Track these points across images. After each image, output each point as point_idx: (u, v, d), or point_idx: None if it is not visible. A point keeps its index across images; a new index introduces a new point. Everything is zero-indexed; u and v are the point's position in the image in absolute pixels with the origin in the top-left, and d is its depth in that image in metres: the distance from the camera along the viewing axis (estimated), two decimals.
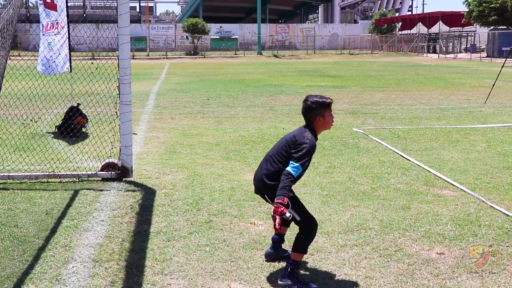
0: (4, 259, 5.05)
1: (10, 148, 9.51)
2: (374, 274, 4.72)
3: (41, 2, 11.13)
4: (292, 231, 5.26)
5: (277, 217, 4.22)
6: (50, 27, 11.14)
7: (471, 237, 5.56)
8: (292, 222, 4.68)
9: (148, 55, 62.52)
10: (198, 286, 4.53)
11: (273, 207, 4.32)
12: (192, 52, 66.45)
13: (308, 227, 4.58)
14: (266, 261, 5.03)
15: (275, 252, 5.05)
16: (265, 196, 4.74)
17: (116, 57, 8.10)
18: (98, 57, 17.56)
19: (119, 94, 8.00)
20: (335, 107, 15.96)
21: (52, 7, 11.14)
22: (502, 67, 18.19)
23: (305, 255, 4.82)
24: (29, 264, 4.97)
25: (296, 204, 4.61)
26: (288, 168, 4.40)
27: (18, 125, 11.58)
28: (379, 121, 13.37)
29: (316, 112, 4.62)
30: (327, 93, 19.50)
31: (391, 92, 20.33)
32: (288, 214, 4.29)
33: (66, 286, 4.55)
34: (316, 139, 4.61)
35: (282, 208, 4.23)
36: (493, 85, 17.22)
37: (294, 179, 4.39)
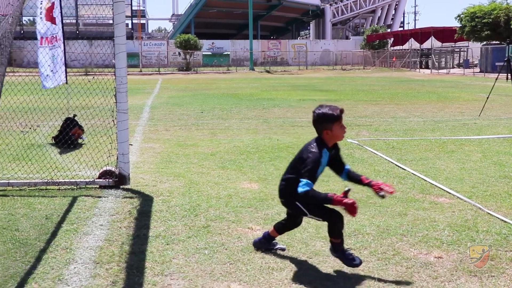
0: (6, 260, 5.08)
1: (7, 158, 9.53)
2: (373, 276, 4.76)
3: (42, 16, 11.16)
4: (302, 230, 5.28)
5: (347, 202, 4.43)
6: (52, 40, 11.19)
7: (469, 242, 5.60)
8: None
9: (140, 71, 62.63)
10: (198, 287, 4.55)
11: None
12: (184, 68, 66.61)
13: (332, 219, 4.76)
14: (256, 250, 5.31)
15: (263, 243, 5.30)
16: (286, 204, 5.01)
17: (110, 73, 8.19)
18: (91, 73, 17.63)
19: (115, 102, 8.05)
20: None
21: (52, 19, 11.21)
22: (496, 80, 18.33)
23: (303, 258, 4.88)
24: (31, 265, 4.99)
25: (314, 207, 4.73)
26: (300, 188, 4.49)
27: (14, 136, 11.58)
28: (373, 132, 13.46)
29: (323, 126, 4.60)
30: None
31: (384, 106, 20.46)
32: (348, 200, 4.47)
33: (69, 285, 4.56)
34: (329, 149, 4.64)
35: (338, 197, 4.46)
36: (487, 98, 17.37)
37: (311, 190, 4.47)
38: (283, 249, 5.28)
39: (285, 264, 5.02)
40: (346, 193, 4.51)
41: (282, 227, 5.25)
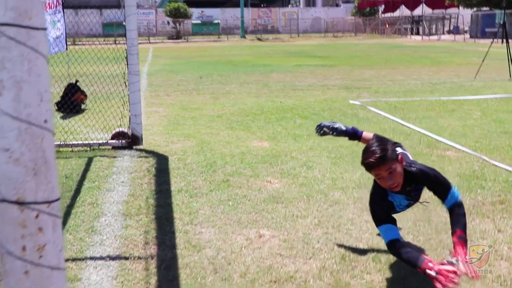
0: None
1: None
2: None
3: None
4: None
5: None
6: (52, 6, 11.24)
7: (479, 189, 5.88)
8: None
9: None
10: (229, 233, 4.78)
11: None
12: (175, 36, 66.26)
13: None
14: None
15: None
16: None
17: (99, 43, 8.33)
18: (79, 43, 17.61)
19: (127, 64, 8.24)
20: (328, 82, 16.26)
21: None
22: (491, 44, 18.65)
23: (324, 206, 5.13)
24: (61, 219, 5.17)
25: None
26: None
27: None
28: (374, 94, 13.66)
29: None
30: (317, 72, 19.91)
31: (380, 70, 20.63)
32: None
33: (102, 235, 4.77)
34: (388, 190, 3.75)
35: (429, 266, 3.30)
36: (483, 61, 17.61)
37: (387, 243, 3.65)
38: None
39: (308, 212, 5.25)
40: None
41: None
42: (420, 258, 3.41)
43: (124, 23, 8.23)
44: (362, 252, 4.40)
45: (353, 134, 4.66)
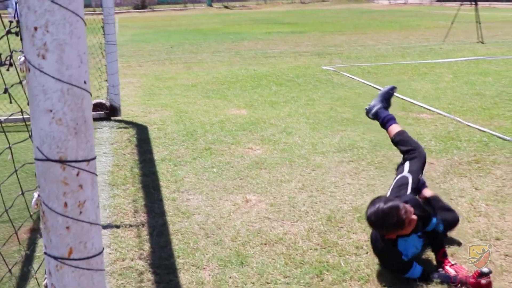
0: (24, 187, 5.28)
1: None
2: (374, 182, 5.16)
3: None
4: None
5: None
6: None
7: (455, 150, 6.07)
8: None
9: (94, 11, 61.24)
10: (216, 199, 4.89)
11: None
12: (140, 6, 65.38)
13: None
14: None
15: None
16: None
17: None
18: None
19: (104, 34, 8.22)
20: (300, 49, 16.33)
21: None
22: (460, 7, 18.90)
23: (307, 171, 5.25)
24: None
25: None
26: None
27: None
28: (346, 60, 13.77)
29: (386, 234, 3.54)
30: (288, 39, 19.96)
31: (350, 35, 20.72)
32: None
33: None
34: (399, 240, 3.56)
35: None
36: (452, 24, 17.85)
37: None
38: None
39: (291, 177, 5.38)
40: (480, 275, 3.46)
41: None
42: (452, 276, 3.53)
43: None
44: (347, 213, 4.54)
45: (382, 124, 4.55)
